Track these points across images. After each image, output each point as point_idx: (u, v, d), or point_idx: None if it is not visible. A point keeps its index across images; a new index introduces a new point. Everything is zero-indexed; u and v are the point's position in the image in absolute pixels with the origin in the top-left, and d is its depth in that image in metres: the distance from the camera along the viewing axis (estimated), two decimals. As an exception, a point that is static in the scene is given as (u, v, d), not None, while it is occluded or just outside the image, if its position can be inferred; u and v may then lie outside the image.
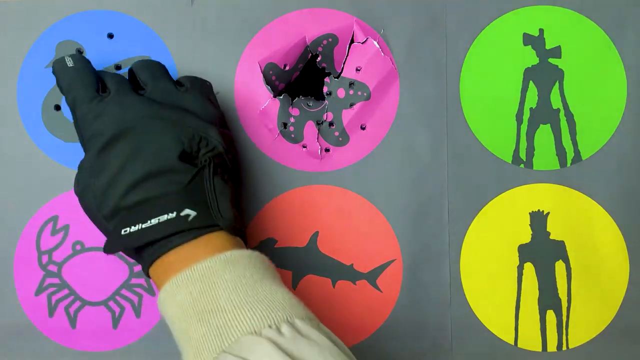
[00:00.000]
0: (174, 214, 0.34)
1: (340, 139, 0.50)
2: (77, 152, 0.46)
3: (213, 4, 0.50)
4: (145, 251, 0.36)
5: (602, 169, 0.51)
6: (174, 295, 0.33)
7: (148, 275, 0.38)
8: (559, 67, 0.51)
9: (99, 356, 0.49)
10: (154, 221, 0.34)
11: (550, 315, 0.50)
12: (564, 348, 0.51)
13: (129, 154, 0.36)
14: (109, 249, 0.36)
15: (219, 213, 0.35)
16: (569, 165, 0.51)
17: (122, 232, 0.35)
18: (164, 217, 0.34)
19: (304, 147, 0.50)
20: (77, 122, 0.39)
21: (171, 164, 0.36)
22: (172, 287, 0.33)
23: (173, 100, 0.40)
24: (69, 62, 0.40)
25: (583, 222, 0.51)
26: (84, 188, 0.38)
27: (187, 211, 0.35)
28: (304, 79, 0.54)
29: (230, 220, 0.36)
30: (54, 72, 0.41)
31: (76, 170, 0.40)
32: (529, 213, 0.51)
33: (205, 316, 0.30)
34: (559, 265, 0.51)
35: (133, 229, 0.35)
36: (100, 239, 0.49)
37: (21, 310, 0.49)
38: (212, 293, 0.31)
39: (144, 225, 0.34)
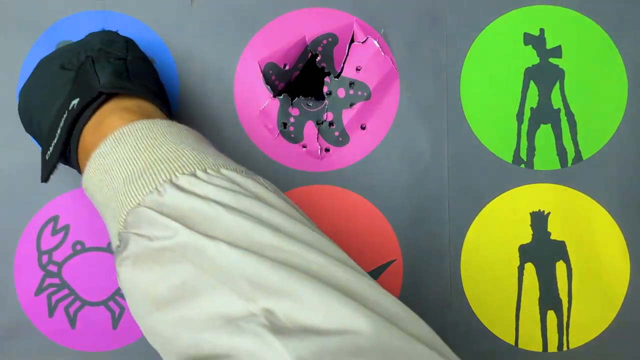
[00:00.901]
0: (66, 113, 0.35)
1: (340, 139, 0.50)
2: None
3: (213, 4, 0.50)
4: (71, 161, 0.37)
5: (602, 169, 0.51)
6: (87, 191, 0.33)
7: None
8: (560, 66, 0.50)
9: (99, 356, 0.49)
10: (59, 130, 0.35)
11: (551, 315, 0.50)
12: (565, 348, 0.50)
13: (27, 107, 0.41)
14: (42, 177, 0.37)
15: (98, 82, 0.36)
16: (569, 165, 0.51)
17: (46, 157, 0.36)
18: (61, 122, 0.35)
19: (304, 147, 0.50)
20: None
21: (56, 79, 0.38)
22: (84, 184, 0.33)
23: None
24: None
25: (584, 222, 0.51)
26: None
27: (72, 102, 0.35)
28: (304, 78, 0.53)
29: (110, 83, 0.36)
30: None
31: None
32: (530, 213, 0.51)
33: (107, 201, 0.30)
34: (560, 266, 0.50)
35: (50, 148, 0.36)
36: (101, 239, 0.49)
37: (21, 310, 0.49)
38: (109, 176, 0.30)
39: (55, 140, 0.36)
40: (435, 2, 0.50)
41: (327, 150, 0.50)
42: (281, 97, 0.49)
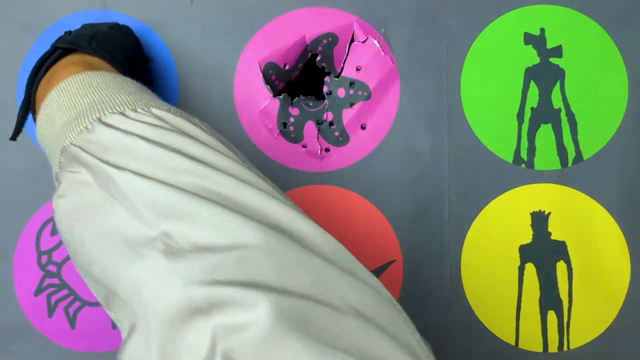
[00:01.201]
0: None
1: (341, 139, 0.50)
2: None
3: (213, 4, 0.50)
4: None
5: (603, 169, 0.50)
6: (40, 143, 0.35)
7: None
8: (560, 66, 0.50)
9: (98, 357, 0.49)
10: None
11: (551, 315, 0.50)
12: (565, 349, 0.50)
13: None
14: (12, 135, 0.40)
15: (62, 39, 0.39)
16: (570, 165, 0.51)
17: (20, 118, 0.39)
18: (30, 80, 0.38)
19: (304, 147, 0.50)
20: None
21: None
22: (37, 136, 0.35)
23: None
24: None
25: (584, 223, 0.50)
26: None
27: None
28: (304, 78, 0.53)
29: (65, 40, 0.39)
30: None
31: None
32: (530, 213, 0.51)
33: (51, 148, 0.32)
34: (560, 266, 0.50)
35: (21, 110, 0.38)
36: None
37: (20, 310, 0.49)
38: (52, 125, 0.32)
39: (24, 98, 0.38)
40: (435, 1, 0.50)
41: (327, 150, 0.50)
42: (281, 97, 0.49)
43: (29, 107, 0.37)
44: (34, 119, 0.39)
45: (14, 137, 0.39)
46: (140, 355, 0.24)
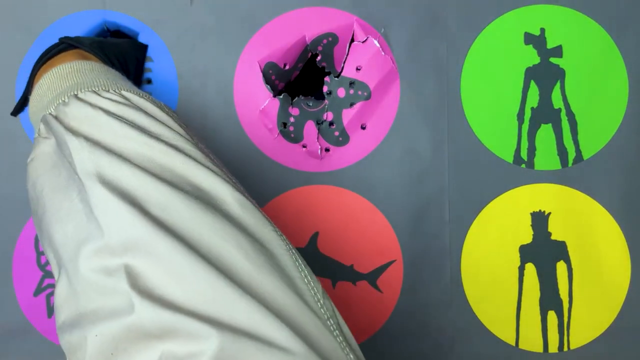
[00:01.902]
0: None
1: (341, 138, 0.50)
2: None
3: (212, 3, 0.50)
4: None
5: (603, 169, 0.50)
6: (31, 121, 0.39)
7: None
8: (560, 66, 0.50)
9: (98, 357, 0.49)
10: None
11: (552, 315, 0.50)
12: (565, 349, 0.50)
13: None
14: (13, 111, 0.44)
15: (70, 37, 0.43)
16: (570, 165, 0.51)
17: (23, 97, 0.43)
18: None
19: (304, 147, 0.50)
20: None
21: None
22: (29, 116, 0.39)
23: None
24: None
25: (584, 223, 0.50)
26: None
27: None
28: (304, 78, 0.53)
29: (77, 37, 0.43)
30: None
31: None
32: (530, 213, 0.51)
33: (37, 119, 0.36)
34: (560, 266, 0.50)
35: None
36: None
37: (20, 310, 0.49)
38: (41, 103, 0.36)
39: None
40: (435, 1, 0.50)
41: (327, 150, 0.50)
42: (281, 96, 0.49)
43: (30, 89, 0.41)
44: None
45: (14, 113, 0.44)
46: (63, 293, 0.28)
